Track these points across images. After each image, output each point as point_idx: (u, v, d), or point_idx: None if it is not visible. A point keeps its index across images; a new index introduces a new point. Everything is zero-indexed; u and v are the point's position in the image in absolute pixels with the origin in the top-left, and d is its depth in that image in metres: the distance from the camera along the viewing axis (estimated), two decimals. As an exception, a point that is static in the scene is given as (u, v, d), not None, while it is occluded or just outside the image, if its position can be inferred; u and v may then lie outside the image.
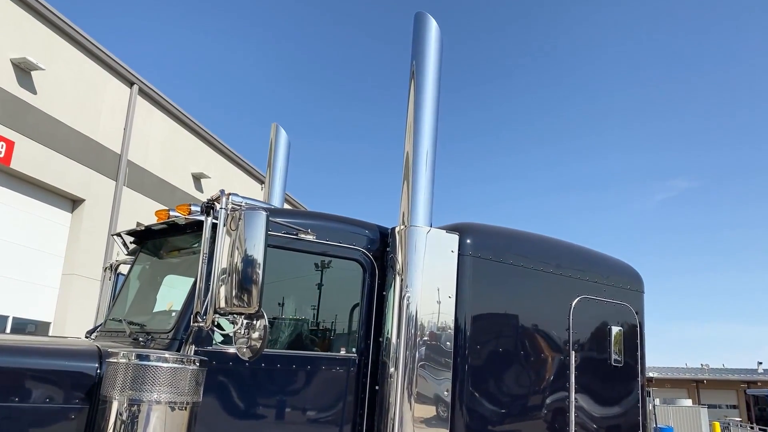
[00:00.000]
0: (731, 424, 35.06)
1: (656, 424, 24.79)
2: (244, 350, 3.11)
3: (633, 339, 5.15)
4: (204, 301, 3.18)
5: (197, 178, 18.95)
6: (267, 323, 3.08)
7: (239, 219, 3.13)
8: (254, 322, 3.09)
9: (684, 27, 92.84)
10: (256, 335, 3.07)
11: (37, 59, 12.65)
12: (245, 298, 3.05)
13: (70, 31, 13.76)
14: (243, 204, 3.47)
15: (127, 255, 4.99)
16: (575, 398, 4.63)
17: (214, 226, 3.32)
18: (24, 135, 12.60)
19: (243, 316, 3.12)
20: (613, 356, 4.94)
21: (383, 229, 4.41)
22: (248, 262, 3.07)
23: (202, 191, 19.08)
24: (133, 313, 4.35)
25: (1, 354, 3.21)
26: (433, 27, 4.39)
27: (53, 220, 14.05)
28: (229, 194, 3.52)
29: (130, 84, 15.94)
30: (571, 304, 4.78)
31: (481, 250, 4.38)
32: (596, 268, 5.13)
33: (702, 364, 59.23)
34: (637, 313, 5.25)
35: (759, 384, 50.10)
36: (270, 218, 3.68)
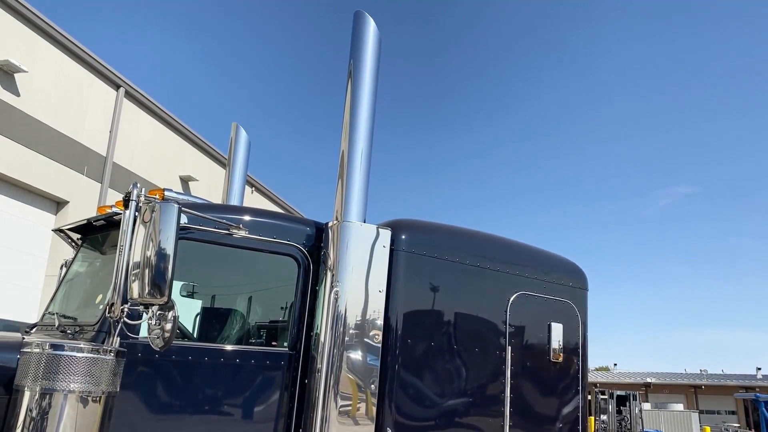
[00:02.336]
0: (727, 430, 34.93)
1: (642, 427, 24.77)
2: (156, 340, 3.15)
3: (574, 336, 5.17)
4: (119, 292, 3.22)
5: (185, 181, 19.01)
6: (177, 314, 3.12)
7: (152, 211, 3.17)
8: (165, 312, 3.13)
9: (688, 35, 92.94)
10: (168, 326, 3.11)
11: (20, 62, 12.71)
12: (156, 290, 3.09)
13: (53, 33, 13.83)
14: (159, 197, 3.52)
15: (75, 250, 5.04)
16: (511, 394, 4.65)
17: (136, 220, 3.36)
18: (7, 137, 12.66)
19: (154, 307, 3.16)
20: (552, 352, 4.96)
21: (319, 225, 4.43)
22: (160, 254, 3.11)
23: (189, 194, 19.13)
24: (70, 306, 4.40)
25: None
26: (371, 27, 4.44)
27: (37, 222, 14.09)
28: (160, 190, 3.58)
29: (116, 86, 16.00)
30: (508, 300, 4.80)
31: (416, 245, 4.42)
32: (536, 264, 5.15)
33: (701, 370, 59.08)
34: (579, 311, 5.27)
35: (758, 389, 49.93)
36: (201, 212, 3.74)
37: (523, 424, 4.71)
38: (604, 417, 25.07)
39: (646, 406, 33.25)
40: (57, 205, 14.50)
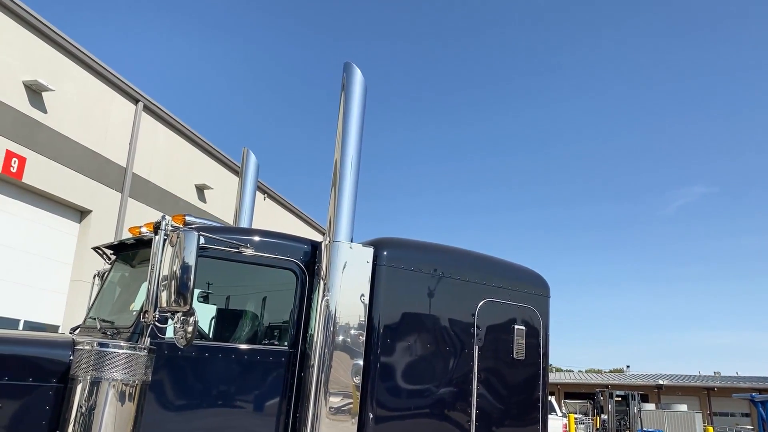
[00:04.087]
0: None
1: (641, 427, 25.30)
2: (180, 340, 3.99)
3: (536, 336, 5.96)
4: (151, 301, 4.05)
5: (200, 189, 19.94)
6: (197, 319, 3.95)
7: (177, 237, 4.00)
8: (187, 318, 3.96)
9: (701, 28, 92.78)
10: (189, 329, 3.94)
11: (47, 81, 13.65)
12: (180, 299, 3.92)
13: (77, 53, 14.77)
14: (190, 224, 4.37)
15: (109, 264, 5.90)
16: (477, 387, 5.44)
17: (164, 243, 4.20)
18: (35, 151, 13.61)
19: (179, 314, 3.99)
20: (515, 351, 5.74)
21: (315, 243, 5.26)
22: (183, 270, 3.94)
23: (205, 201, 20.07)
24: (107, 312, 5.25)
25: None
26: (358, 77, 5.27)
27: (62, 230, 15.05)
28: (182, 216, 4.43)
29: (135, 101, 16.95)
30: (476, 306, 5.60)
31: (395, 260, 5.25)
32: (501, 275, 5.94)
33: (714, 372, 59.04)
34: (541, 315, 6.05)
35: (771, 391, 49.79)
36: (215, 235, 4.57)
37: (489, 415, 5.50)
38: (604, 416, 25.75)
39: (650, 406, 33.71)
40: (81, 214, 15.46)
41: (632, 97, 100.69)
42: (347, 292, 4.90)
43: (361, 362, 4.89)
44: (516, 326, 5.79)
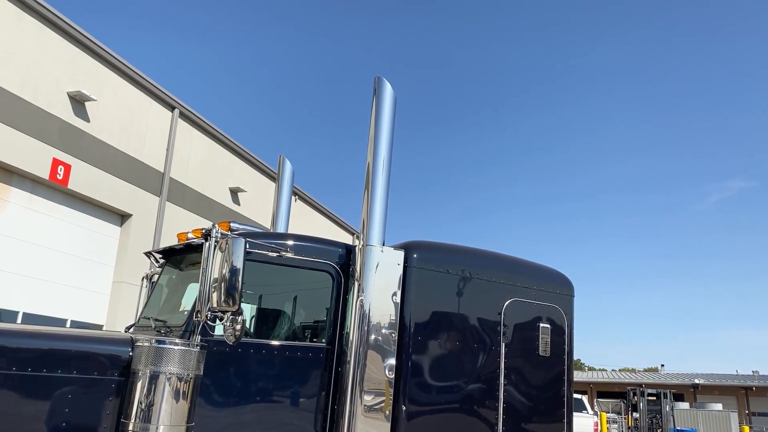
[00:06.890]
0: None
1: (674, 426, 25.11)
2: (229, 337, 4.37)
3: (560, 334, 6.20)
4: (203, 302, 4.44)
5: (234, 192, 20.50)
6: (245, 318, 4.32)
7: (226, 243, 4.39)
8: (236, 317, 4.34)
9: (734, 19, 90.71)
10: (238, 327, 4.32)
11: (89, 91, 14.30)
12: (229, 300, 4.30)
13: (117, 63, 15.41)
14: (234, 230, 4.75)
15: (158, 267, 6.33)
16: (505, 382, 5.72)
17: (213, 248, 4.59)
18: (79, 159, 14.27)
19: (228, 313, 4.37)
20: (541, 348, 6.00)
21: (349, 247, 5.60)
22: (232, 274, 4.32)
23: (239, 204, 20.64)
24: (159, 312, 5.68)
25: (67, 340, 4.54)
26: (388, 90, 5.59)
27: (105, 234, 15.71)
28: (227, 223, 4.82)
29: (171, 108, 17.56)
30: (503, 305, 5.88)
31: (424, 262, 5.56)
32: (526, 275, 6.21)
33: (753, 371, 57.79)
34: (565, 314, 6.29)
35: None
36: (257, 240, 4.95)
37: (516, 410, 5.77)
38: (636, 415, 25.66)
39: (684, 405, 33.32)
40: (122, 218, 16.11)
41: (671, 91, 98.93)
42: (380, 293, 5.24)
43: (393, 359, 5.22)
44: (541, 324, 6.05)
